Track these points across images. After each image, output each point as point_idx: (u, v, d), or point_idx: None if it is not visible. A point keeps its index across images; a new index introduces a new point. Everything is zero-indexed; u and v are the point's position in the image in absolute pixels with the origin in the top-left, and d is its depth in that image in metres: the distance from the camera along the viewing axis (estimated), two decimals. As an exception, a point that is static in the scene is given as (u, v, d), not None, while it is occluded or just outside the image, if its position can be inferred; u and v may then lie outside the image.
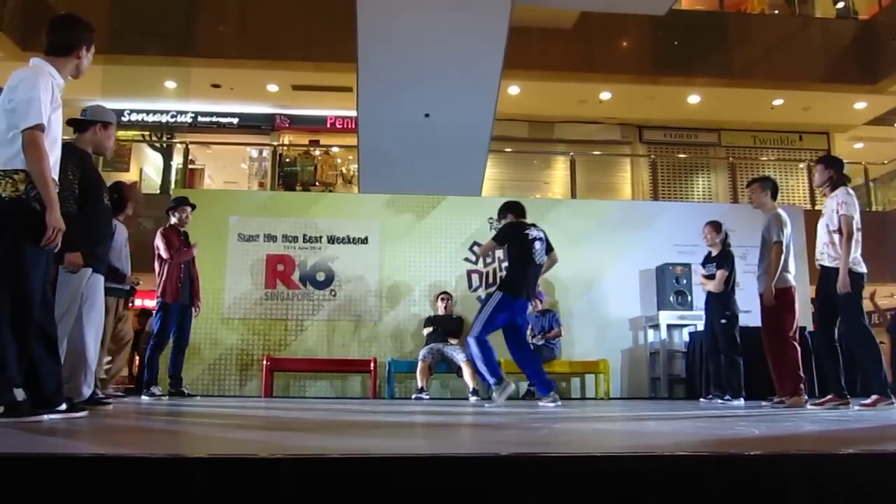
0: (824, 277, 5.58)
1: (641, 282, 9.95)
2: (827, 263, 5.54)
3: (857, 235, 5.46)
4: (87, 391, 4.54)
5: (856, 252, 5.46)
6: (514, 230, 6.37)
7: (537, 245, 6.28)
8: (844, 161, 5.88)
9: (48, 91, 3.23)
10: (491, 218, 9.03)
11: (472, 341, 6.07)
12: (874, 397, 5.24)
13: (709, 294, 7.35)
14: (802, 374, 6.12)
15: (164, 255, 7.27)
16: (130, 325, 6.67)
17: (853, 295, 5.36)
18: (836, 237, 5.47)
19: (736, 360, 6.98)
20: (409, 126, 9.83)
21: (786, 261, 6.22)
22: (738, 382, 6.94)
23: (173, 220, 7.56)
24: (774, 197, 6.51)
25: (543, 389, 6.13)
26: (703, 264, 7.55)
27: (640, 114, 15.28)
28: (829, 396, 5.57)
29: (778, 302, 6.10)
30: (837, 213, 5.47)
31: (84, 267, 4.31)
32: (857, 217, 5.49)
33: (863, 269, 5.47)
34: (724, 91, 14.18)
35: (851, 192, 5.62)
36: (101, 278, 4.62)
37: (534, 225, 6.43)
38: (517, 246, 6.30)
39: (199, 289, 7.85)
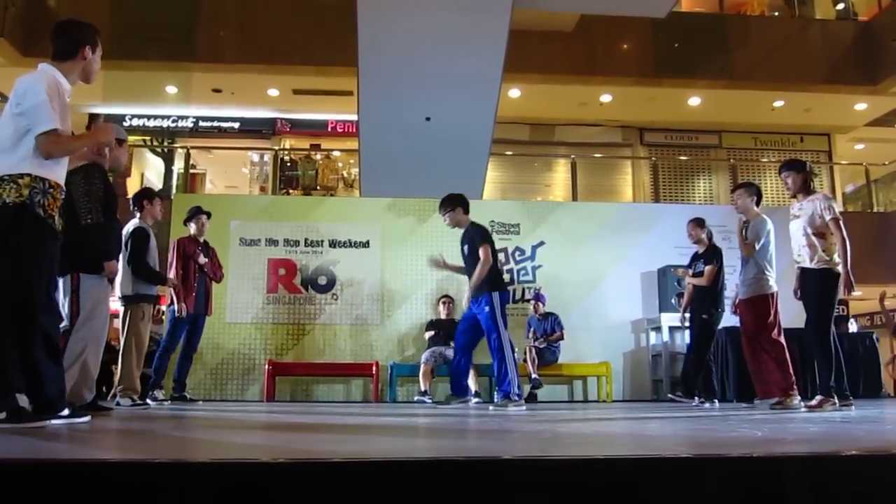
0: (803, 279, 5.64)
1: (643, 284, 9.95)
2: (808, 265, 5.56)
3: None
4: (88, 395, 4.57)
5: (835, 253, 5.50)
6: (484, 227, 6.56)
7: None
8: (844, 162, 5.91)
9: (55, 94, 3.23)
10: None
11: (507, 348, 6.05)
12: (819, 398, 5.41)
13: (696, 292, 7.15)
14: (793, 375, 6.15)
15: (172, 272, 7.21)
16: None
17: (828, 295, 5.43)
18: (815, 240, 5.50)
19: (704, 360, 6.94)
20: (410, 129, 9.84)
21: (768, 266, 6.24)
22: (712, 384, 6.96)
23: (192, 230, 7.58)
24: (758, 203, 6.52)
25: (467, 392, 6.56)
26: (690, 264, 7.41)
27: (640, 116, 15.27)
28: (820, 398, 5.57)
29: (759, 307, 6.13)
30: (822, 217, 5.50)
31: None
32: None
33: (841, 270, 5.49)
34: (725, 93, 14.18)
35: (828, 194, 5.73)
36: (109, 286, 4.72)
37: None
38: (491, 242, 6.37)
39: (212, 297, 7.84)
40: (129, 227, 6.23)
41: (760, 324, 6.17)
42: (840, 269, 5.45)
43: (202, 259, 7.46)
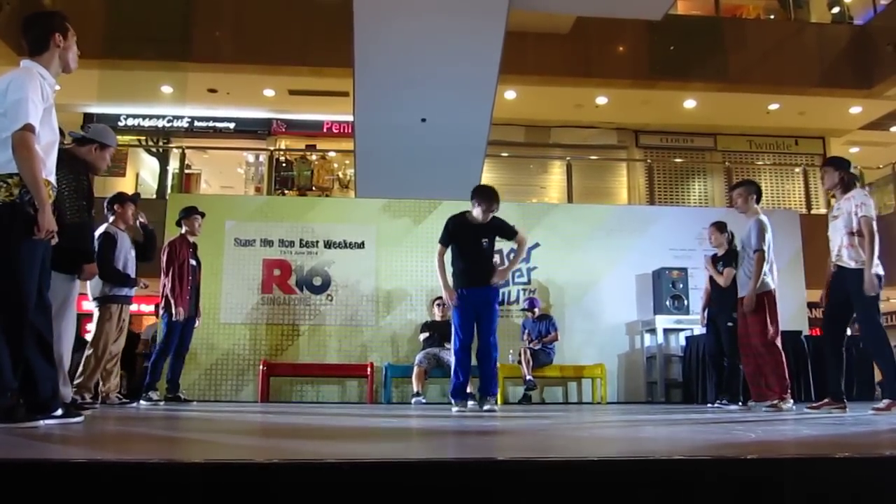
0: (842, 279, 5.43)
1: (638, 286, 9.96)
2: (850, 265, 5.37)
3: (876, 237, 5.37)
4: (67, 392, 4.57)
5: (875, 253, 5.36)
6: None
7: None
8: None
9: (37, 91, 3.20)
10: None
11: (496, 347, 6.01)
12: (887, 401, 5.08)
13: (714, 295, 7.13)
14: (788, 379, 6.14)
15: (164, 277, 7.22)
16: (126, 334, 6.70)
17: (872, 295, 5.26)
18: (856, 239, 5.33)
19: (738, 365, 6.90)
20: (406, 130, 9.84)
21: (769, 266, 6.20)
22: (738, 388, 6.86)
23: (183, 229, 7.55)
24: (758, 201, 6.46)
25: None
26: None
27: (636, 118, 15.30)
28: (825, 400, 5.56)
29: (760, 306, 6.10)
30: (856, 214, 5.35)
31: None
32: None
33: (881, 270, 5.35)
34: (720, 96, 14.20)
35: (867, 192, 5.58)
36: (78, 284, 4.69)
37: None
38: None
39: (200, 299, 7.81)
40: (98, 231, 6.28)
41: (760, 322, 6.13)
42: (878, 269, 5.30)
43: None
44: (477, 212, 5.99)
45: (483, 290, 6.02)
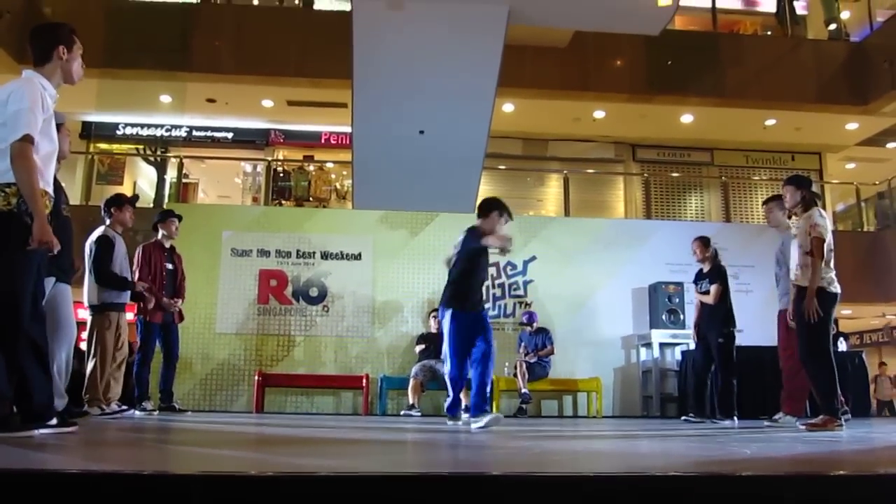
0: (800, 298, 5.43)
1: (634, 300, 9.97)
2: (802, 284, 5.38)
3: (830, 256, 5.36)
4: (59, 402, 4.54)
5: (830, 272, 5.34)
6: None
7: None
8: (835, 181, 5.81)
9: (37, 101, 3.21)
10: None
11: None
12: (822, 417, 5.14)
13: (704, 311, 7.11)
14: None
15: (136, 278, 7.07)
16: (127, 341, 6.60)
17: (822, 315, 5.23)
18: (808, 258, 5.33)
19: (730, 380, 6.84)
20: (404, 142, 9.84)
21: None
22: (731, 403, 6.80)
23: (161, 234, 7.45)
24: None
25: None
26: (696, 282, 7.38)
27: (633, 132, 15.34)
28: (821, 417, 5.54)
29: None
30: (809, 234, 5.35)
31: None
32: (829, 238, 5.37)
33: (837, 289, 5.34)
34: (717, 111, 14.24)
35: (823, 213, 5.54)
36: (69, 288, 4.62)
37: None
38: None
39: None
40: (94, 235, 6.20)
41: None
42: (833, 288, 5.30)
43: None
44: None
45: (479, 313, 5.94)
